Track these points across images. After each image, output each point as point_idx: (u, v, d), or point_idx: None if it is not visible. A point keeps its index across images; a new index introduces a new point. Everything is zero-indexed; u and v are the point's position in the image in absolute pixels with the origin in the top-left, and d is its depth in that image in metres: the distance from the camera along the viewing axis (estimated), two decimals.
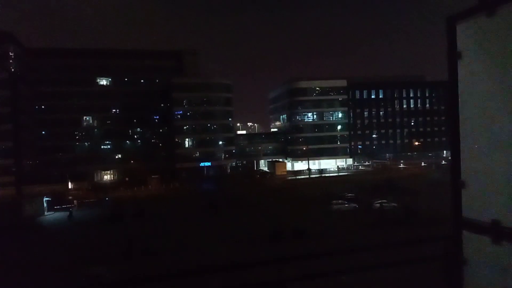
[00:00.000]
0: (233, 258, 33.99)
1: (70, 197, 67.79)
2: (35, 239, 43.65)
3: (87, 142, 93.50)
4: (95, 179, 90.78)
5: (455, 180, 2.59)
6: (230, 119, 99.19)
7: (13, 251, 38.45)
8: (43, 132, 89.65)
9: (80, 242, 40.96)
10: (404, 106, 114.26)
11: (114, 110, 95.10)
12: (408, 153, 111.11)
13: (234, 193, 67.57)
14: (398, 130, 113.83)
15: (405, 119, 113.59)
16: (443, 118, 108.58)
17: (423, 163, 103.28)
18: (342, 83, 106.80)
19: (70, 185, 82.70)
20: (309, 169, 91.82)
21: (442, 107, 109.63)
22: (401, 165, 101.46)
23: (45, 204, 60.13)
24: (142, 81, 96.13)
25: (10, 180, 79.15)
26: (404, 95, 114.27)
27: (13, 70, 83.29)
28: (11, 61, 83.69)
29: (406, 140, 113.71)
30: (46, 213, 59.16)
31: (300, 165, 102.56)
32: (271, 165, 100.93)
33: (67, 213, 58.37)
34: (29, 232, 46.63)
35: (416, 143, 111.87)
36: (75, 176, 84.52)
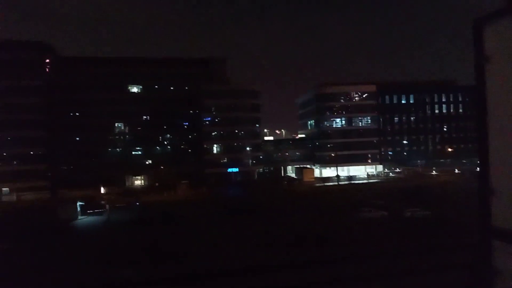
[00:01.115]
0: (255, 263, 33.98)
1: (102, 202, 69.52)
2: (69, 242, 45.00)
3: (119, 148, 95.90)
4: (126, 184, 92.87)
5: (484, 186, 2.50)
6: (257, 125, 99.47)
7: (48, 253, 39.82)
8: (77, 138, 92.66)
9: (111, 246, 41.92)
10: (436, 111, 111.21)
11: (144, 117, 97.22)
12: (441, 160, 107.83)
13: (261, 199, 67.54)
14: (430, 136, 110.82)
15: (437, 125, 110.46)
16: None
17: (456, 170, 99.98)
18: (371, 88, 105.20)
19: (102, 190, 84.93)
20: (337, 176, 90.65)
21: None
22: (433, 172, 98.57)
23: (78, 209, 61.86)
24: (171, 88, 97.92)
25: (46, 185, 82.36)
26: (436, 100, 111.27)
27: (48, 78, 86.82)
28: (47, 69, 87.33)
29: (439, 146, 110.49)
30: (79, 217, 60.86)
31: (329, 172, 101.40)
32: (299, 171, 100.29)
33: (100, 217, 60.13)
34: (64, 236, 48.14)
35: (449, 149, 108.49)
36: (107, 181, 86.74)
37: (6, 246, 41.86)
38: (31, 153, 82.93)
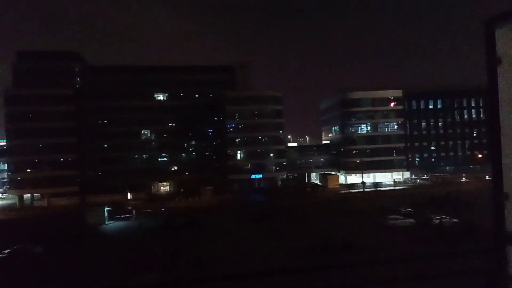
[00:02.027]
0: (274, 267, 33.78)
1: (129, 207, 70.95)
2: (95, 246, 46.08)
3: (145, 154, 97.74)
4: (152, 190, 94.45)
5: (497, 192, 2.45)
6: (281, 131, 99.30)
7: (75, 257, 40.91)
8: (105, 145, 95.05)
9: (136, 251, 42.66)
10: (465, 116, 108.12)
11: (170, 124, 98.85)
12: (470, 166, 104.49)
13: (285, 205, 67.26)
14: (459, 142, 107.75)
15: (467, 130, 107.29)
16: None
17: (487, 176, 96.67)
18: (397, 93, 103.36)
19: (129, 196, 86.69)
20: (363, 182, 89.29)
21: None
22: (463, 179, 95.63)
23: (106, 214, 63.29)
24: (196, 95, 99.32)
25: (75, 190, 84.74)
26: (465, 104, 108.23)
27: (78, 86, 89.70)
28: (77, 78, 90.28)
29: (468, 152, 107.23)
30: (106, 222, 62.22)
31: (354, 178, 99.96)
32: (323, 177, 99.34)
33: (126, 222, 61.41)
34: (91, 240, 49.34)
35: (479, 155, 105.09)
36: (133, 186, 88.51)
37: (39, 249, 43.30)
38: (61, 159, 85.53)
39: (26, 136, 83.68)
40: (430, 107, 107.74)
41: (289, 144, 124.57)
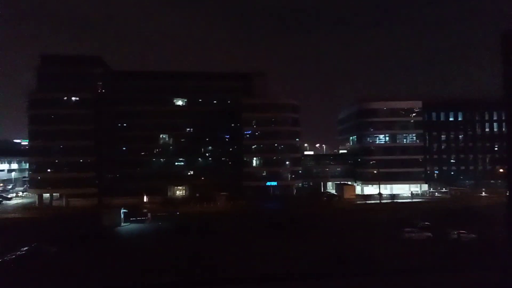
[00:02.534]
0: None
1: (145, 210, 71.64)
2: (110, 248, 46.61)
3: (162, 159, 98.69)
4: (168, 194, 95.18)
5: None
6: (297, 139, 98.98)
7: (89, 258, 41.47)
8: (123, 148, 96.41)
9: (148, 253, 43.05)
10: (487, 129, 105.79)
11: (187, 129, 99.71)
12: (491, 181, 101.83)
13: (300, 214, 66.81)
14: (480, 156, 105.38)
15: (488, 144, 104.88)
16: None
17: (508, 192, 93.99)
18: (417, 104, 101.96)
19: (145, 199, 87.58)
20: (379, 194, 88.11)
21: None
22: (483, 193, 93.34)
23: (122, 216, 64.07)
24: (214, 101, 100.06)
25: (93, 192, 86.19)
26: (487, 117, 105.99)
27: (99, 90, 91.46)
28: (98, 82, 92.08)
29: (489, 167, 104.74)
30: (122, 223, 62.97)
31: (370, 189, 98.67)
32: (339, 187, 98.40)
33: (142, 225, 62.07)
34: (106, 241, 49.96)
35: (501, 170, 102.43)
36: (150, 190, 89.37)
37: (55, 249, 44.07)
38: (81, 161, 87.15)
39: (48, 138, 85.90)
40: (451, 119, 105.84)
41: (306, 153, 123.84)
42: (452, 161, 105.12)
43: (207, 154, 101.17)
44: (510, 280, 29.91)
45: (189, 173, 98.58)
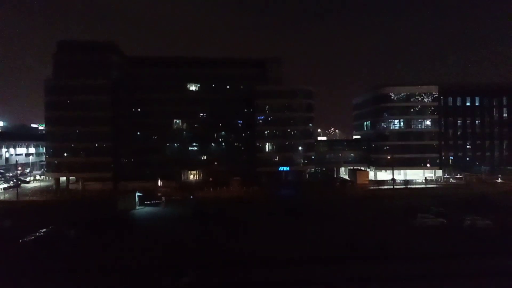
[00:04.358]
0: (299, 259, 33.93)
1: (159, 194, 72.68)
2: (125, 231, 47.58)
3: (177, 144, 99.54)
4: (182, 179, 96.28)
5: None
6: (310, 125, 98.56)
7: (105, 241, 42.45)
8: (138, 134, 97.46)
9: (162, 237, 43.84)
10: (504, 115, 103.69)
11: (201, 115, 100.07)
12: (508, 167, 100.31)
13: (313, 200, 66.97)
14: (496, 142, 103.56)
15: (505, 130, 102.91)
16: None
17: None
18: (433, 89, 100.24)
19: (159, 183, 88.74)
20: (393, 179, 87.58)
21: None
22: (499, 179, 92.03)
23: (137, 199, 65.25)
24: (228, 87, 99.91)
25: (108, 176, 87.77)
26: (505, 103, 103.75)
27: (114, 77, 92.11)
28: (114, 68, 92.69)
29: (506, 153, 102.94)
30: (137, 207, 64.17)
31: (384, 175, 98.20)
32: (352, 173, 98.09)
33: (156, 208, 63.22)
34: (122, 224, 50.98)
35: None
36: (164, 175, 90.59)
37: (72, 231, 45.22)
38: (97, 146, 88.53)
39: (64, 123, 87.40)
40: (467, 104, 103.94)
41: (319, 138, 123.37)
42: (468, 147, 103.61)
43: (220, 140, 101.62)
44: None
45: (202, 158, 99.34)
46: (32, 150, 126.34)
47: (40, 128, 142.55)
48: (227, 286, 29.21)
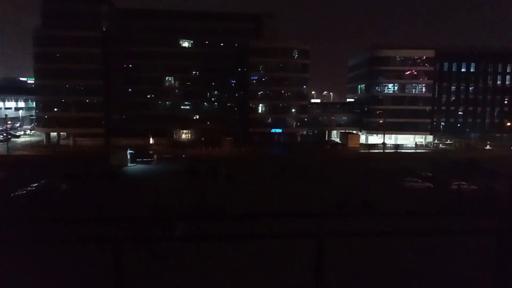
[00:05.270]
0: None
1: (151, 152, 72.88)
2: (118, 187, 47.98)
3: (168, 101, 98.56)
4: (174, 137, 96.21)
5: None
6: (304, 86, 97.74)
7: (98, 194, 42.85)
8: (130, 90, 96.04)
9: (154, 191, 44.29)
10: (498, 82, 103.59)
11: (194, 72, 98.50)
12: (497, 134, 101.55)
13: (303, 161, 67.71)
14: (488, 108, 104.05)
15: (498, 97, 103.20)
16: None
17: None
18: (429, 53, 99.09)
19: (151, 140, 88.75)
20: (383, 143, 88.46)
21: None
22: (488, 146, 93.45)
23: (128, 156, 65.33)
24: (221, 44, 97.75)
25: (100, 132, 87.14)
26: (500, 69, 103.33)
27: (105, 29, 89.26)
28: (104, 20, 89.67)
29: (497, 120, 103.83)
30: (129, 164, 64.36)
31: (375, 139, 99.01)
32: (344, 136, 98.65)
33: (148, 165, 63.55)
34: (114, 180, 51.32)
35: (508, 124, 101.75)
36: (156, 132, 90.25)
37: (64, 185, 45.48)
38: (88, 101, 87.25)
39: (54, 76, 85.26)
40: (463, 70, 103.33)
41: (312, 100, 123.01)
42: (459, 113, 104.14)
43: (213, 99, 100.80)
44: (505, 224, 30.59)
45: (195, 117, 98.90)
46: (21, 104, 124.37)
47: (30, 82, 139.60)
48: (218, 238, 29.84)
